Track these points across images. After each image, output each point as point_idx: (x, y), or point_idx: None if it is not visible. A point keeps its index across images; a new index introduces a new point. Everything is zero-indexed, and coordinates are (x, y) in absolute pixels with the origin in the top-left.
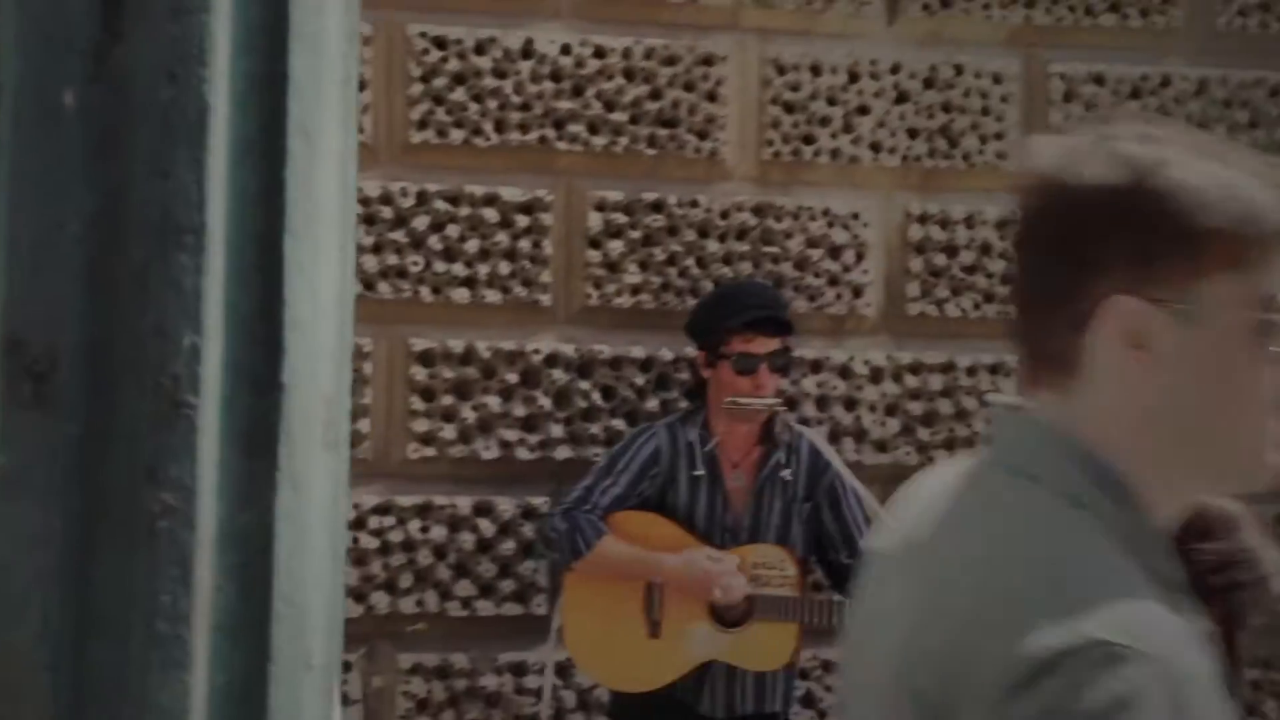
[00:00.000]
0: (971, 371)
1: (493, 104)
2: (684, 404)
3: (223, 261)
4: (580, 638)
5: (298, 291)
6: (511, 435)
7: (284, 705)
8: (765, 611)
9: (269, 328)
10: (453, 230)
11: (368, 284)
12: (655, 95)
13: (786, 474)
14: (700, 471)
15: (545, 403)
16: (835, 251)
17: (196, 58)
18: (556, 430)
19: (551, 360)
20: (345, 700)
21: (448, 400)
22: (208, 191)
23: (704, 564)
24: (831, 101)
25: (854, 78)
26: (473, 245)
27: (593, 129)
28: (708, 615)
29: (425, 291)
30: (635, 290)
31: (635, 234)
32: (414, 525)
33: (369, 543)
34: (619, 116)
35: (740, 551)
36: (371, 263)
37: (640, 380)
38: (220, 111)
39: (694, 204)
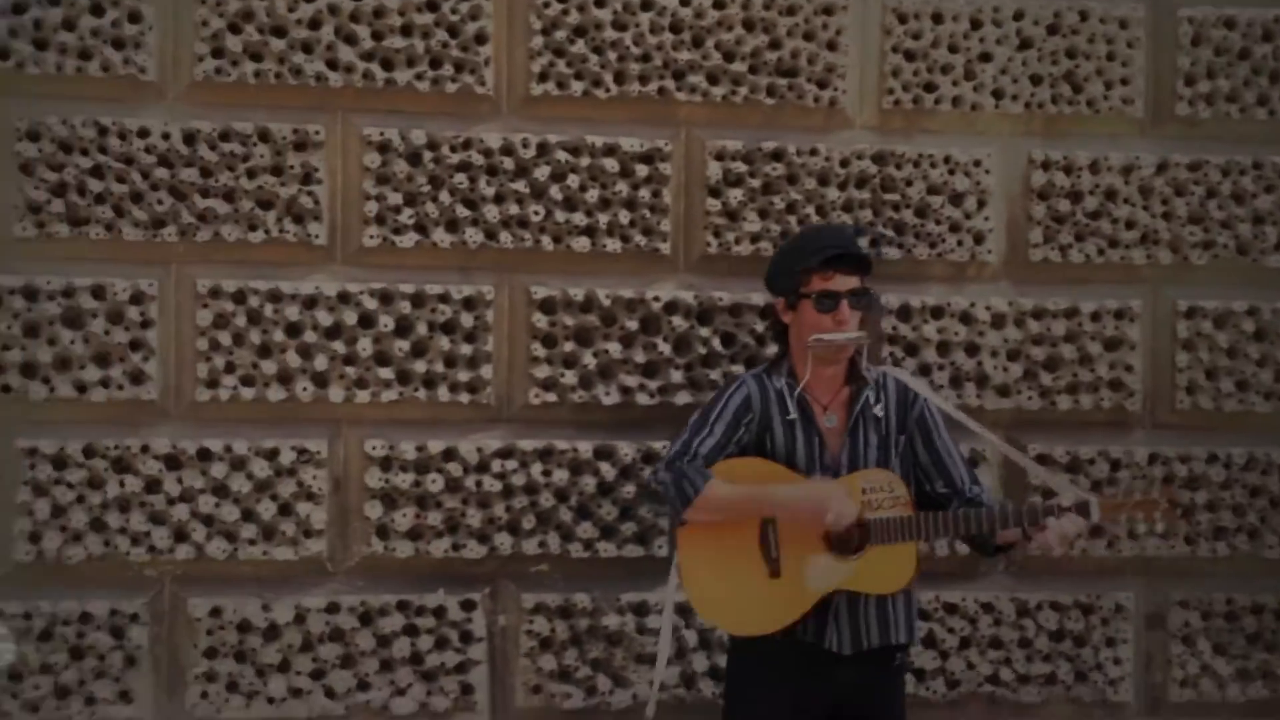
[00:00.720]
0: (1096, 317)
1: (612, 56)
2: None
3: None
4: (701, 587)
5: None
6: (631, 381)
7: None
8: (881, 534)
9: None
10: (573, 180)
11: (490, 233)
12: (775, 45)
13: (878, 410)
14: (793, 415)
15: (665, 349)
16: (957, 198)
17: None
18: (676, 376)
19: (671, 307)
20: (469, 638)
21: (569, 347)
22: None
23: (816, 490)
24: (953, 49)
25: (976, 24)
26: (593, 195)
27: (712, 79)
28: (825, 546)
29: (546, 240)
30: (754, 238)
31: (755, 183)
32: (536, 469)
33: (492, 485)
34: (738, 66)
35: (848, 478)
36: (493, 212)
37: (759, 327)
38: None
39: (813, 152)
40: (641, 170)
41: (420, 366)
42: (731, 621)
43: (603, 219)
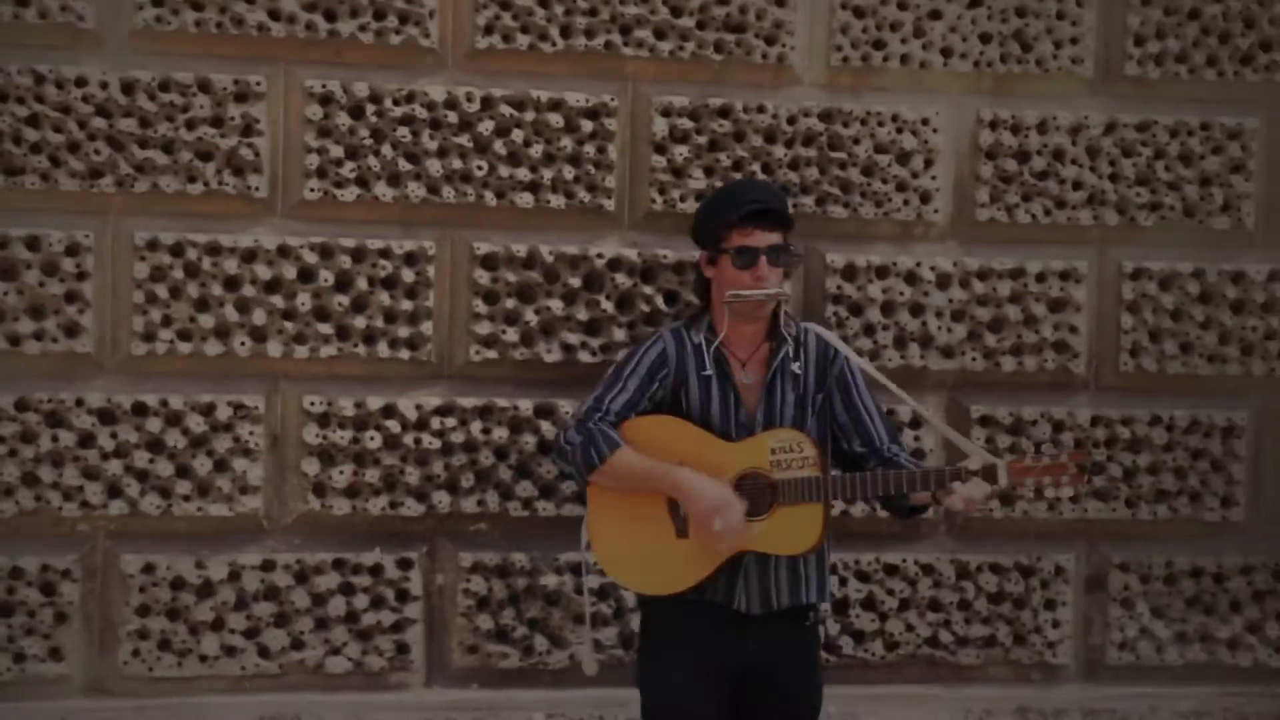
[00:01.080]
0: (1041, 278)
1: (559, 9)
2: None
3: None
4: (609, 545)
5: None
6: (574, 338)
7: None
8: (789, 495)
9: None
10: (518, 135)
11: (432, 188)
12: (723, 0)
13: (796, 367)
14: (709, 371)
15: (608, 306)
16: (904, 157)
17: None
18: (619, 334)
19: (614, 264)
20: (406, 597)
21: (510, 303)
22: None
23: (717, 493)
24: (902, 6)
25: None
26: (537, 150)
27: (659, 34)
28: None
29: (489, 196)
30: (699, 195)
31: (701, 139)
32: (476, 426)
33: (431, 443)
34: (686, 22)
35: (757, 438)
36: (436, 167)
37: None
38: None
39: (760, 109)
40: (587, 125)
41: (360, 322)
42: (638, 580)
43: (547, 174)
